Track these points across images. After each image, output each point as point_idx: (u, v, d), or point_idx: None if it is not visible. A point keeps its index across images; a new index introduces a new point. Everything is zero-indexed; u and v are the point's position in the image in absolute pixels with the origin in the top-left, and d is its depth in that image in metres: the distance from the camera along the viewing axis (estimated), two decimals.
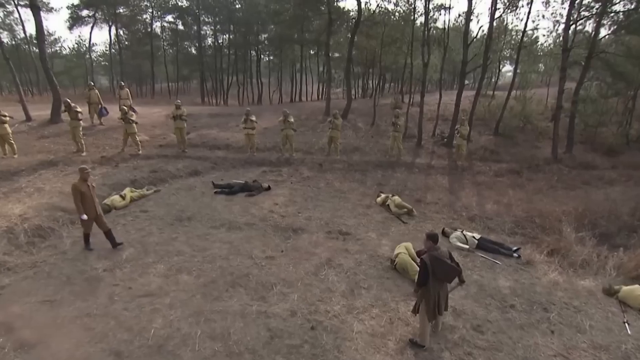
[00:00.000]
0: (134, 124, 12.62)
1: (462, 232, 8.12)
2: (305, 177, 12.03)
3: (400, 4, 22.39)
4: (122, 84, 16.70)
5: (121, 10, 37.17)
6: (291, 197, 10.24)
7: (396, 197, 9.82)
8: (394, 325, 5.31)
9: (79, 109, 12.12)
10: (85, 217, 6.73)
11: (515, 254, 7.54)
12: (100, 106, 15.61)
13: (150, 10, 38.37)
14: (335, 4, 22.62)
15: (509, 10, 17.16)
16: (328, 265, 6.84)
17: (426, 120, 17.96)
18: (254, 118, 13.61)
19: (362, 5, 19.95)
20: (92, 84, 15.74)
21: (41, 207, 8.20)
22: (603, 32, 15.41)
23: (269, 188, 10.58)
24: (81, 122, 12.16)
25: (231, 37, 38.97)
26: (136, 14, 38.21)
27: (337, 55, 35.91)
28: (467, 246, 7.74)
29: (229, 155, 13.61)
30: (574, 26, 16.18)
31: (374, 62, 29.78)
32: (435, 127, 18.00)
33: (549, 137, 16.99)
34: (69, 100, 12.23)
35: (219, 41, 39.99)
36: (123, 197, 9.22)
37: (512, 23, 34.28)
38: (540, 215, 9.38)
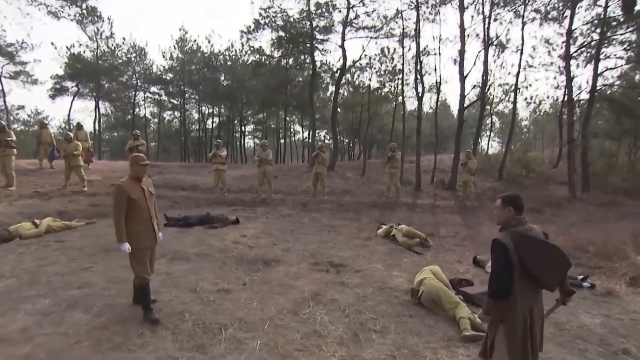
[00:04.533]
0: (79, 157, 10.49)
1: None
2: (285, 214, 9.74)
3: (386, 62, 22.21)
4: (81, 124, 14.85)
5: (106, 84, 36.16)
6: (265, 230, 7.88)
7: (403, 226, 7.58)
8: None
9: (13, 137, 10.02)
10: (127, 247, 3.60)
11: (585, 284, 5.24)
12: (52, 148, 13.54)
13: (134, 81, 37.81)
14: (320, 54, 22.15)
15: (501, 51, 16.63)
16: (315, 300, 4.40)
17: (422, 172, 16.31)
18: (224, 153, 11.65)
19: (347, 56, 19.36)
20: (46, 122, 13.85)
21: None
22: (607, 64, 14.53)
23: (237, 221, 8.23)
24: (14, 150, 9.96)
25: (215, 110, 38.52)
26: (122, 89, 37.12)
27: (324, 126, 35.62)
28: None
29: (194, 195, 11.32)
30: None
31: (361, 126, 28.82)
32: (433, 175, 16.31)
33: (557, 182, 15.44)
34: (3, 123, 10.16)
35: (204, 113, 39.43)
36: (36, 225, 6.78)
37: (501, 78, 34.52)
38: (590, 243, 7.18)
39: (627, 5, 15.10)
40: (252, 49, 23.05)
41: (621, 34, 15.22)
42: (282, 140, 39.18)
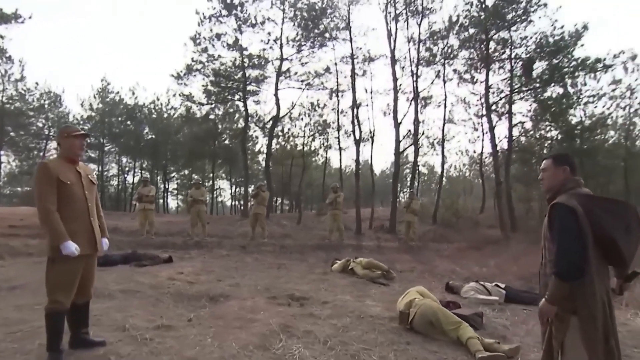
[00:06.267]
0: None
1: (477, 282, 5.41)
2: (224, 255, 8.58)
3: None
4: None
5: (11, 131, 31.37)
6: (204, 267, 6.69)
7: (362, 259, 6.94)
8: None
9: None
10: (74, 247, 2.53)
11: None
12: None
13: (46, 130, 33.55)
14: (253, 103, 21.81)
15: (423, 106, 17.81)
16: (286, 333, 3.46)
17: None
18: (152, 192, 10.31)
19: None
20: None
21: None
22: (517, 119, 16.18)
23: (169, 259, 6.94)
24: None
25: (137, 164, 35.78)
26: (31, 138, 32.48)
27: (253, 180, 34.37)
28: (495, 297, 4.97)
29: (115, 237, 9.58)
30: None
31: (291, 179, 28.35)
32: (371, 221, 16.16)
33: (486, 226, 16.19)
34: None
35: (124, 167, 36.24)
36: None
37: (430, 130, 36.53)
38: None
39: (526, 70, 17.34)
40: (182, 95, 22.02)
41: (525, 93, 17.36)
42: (208, 199, 37.14)
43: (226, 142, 29.73)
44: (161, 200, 36.26)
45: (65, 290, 2.62)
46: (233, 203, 36.98)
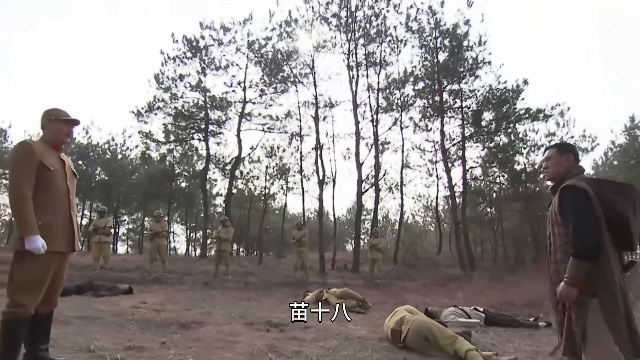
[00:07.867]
0: None
1: (456, 306, 5.39)
2: (187, 289, 8.00)
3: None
4: None
5: None
6: (170, 298, 6.17)
7: (335, 289, 6.74)
8: None
9: None
10: (41, 243, 2.16)
11: (541, 323, 5.12)
12: None
13: None
14: (214, 145, 21.39)
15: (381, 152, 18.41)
16: (275, 353, 3.20)
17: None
18: (109, 224, 9.63)
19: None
20: None
21: None
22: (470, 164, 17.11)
23: (130, 290, 6.34)
24: None
25: (86, 205, 33.56)
26: None
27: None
28: (476, 320, 4.94)
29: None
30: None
31: (249, 223, 27.48)
32: (334, 261, 15.97)
33: (444, 265, 16.50)
34: None
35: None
36: None
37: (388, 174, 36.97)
38: (512, 300, 7.33)
39: (476, 120, 18.68)
40: (141, 133, 21.21)
41: (475, 141, 18.60)
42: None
43: (183, 184, 28.79)
44: (111, 246, 33.78)
45: (32, 292, 2.26)
46: (188, 248, 35.23)
